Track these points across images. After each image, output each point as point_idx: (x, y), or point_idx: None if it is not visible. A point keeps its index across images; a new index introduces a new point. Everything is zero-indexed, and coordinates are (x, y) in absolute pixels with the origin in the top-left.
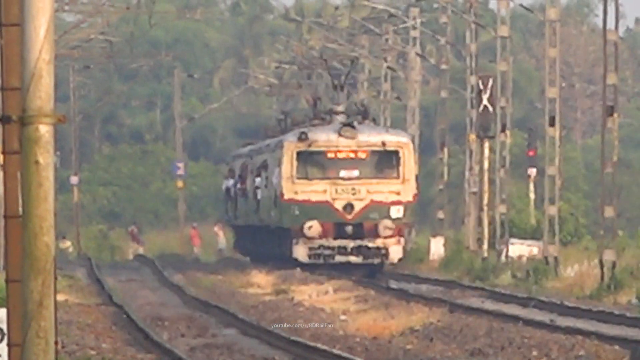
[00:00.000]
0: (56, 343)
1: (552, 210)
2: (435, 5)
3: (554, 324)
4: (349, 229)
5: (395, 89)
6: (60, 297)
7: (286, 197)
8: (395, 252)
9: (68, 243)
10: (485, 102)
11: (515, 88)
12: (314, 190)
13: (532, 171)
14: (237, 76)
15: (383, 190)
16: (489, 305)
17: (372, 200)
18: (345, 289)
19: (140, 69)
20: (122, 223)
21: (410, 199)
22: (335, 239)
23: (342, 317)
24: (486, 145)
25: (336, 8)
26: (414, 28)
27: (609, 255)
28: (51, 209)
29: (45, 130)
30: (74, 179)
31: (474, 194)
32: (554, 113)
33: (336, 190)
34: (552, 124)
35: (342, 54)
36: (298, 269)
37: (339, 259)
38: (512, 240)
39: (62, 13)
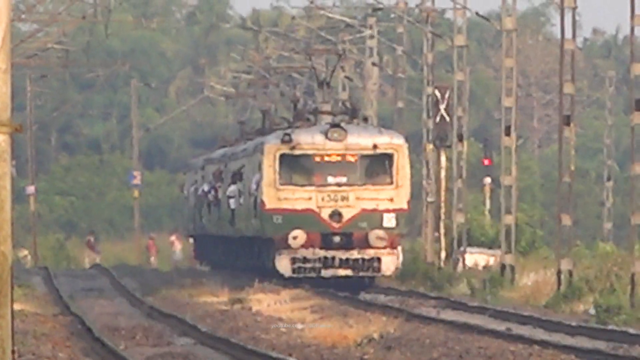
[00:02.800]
0: (13, 352)
1: (509, 219)
2: (391, 15)
3: (511, 333)
4: (337, 239)
5: (353, 99)
6: (17, 307)
7: (268, 205)
8: (389, 264)
9: (25, 252)
10: (442, 112)
11: (472, 98)
12: (299, 198)
13: (487, 180)
14: (193, 86)
15: (374, 197)
16: (446, 314)
17: (362, 208)
18: (301, 298)
19: (96, 79)
20: (79, 232)
21: (405, 206)
22: (322, 250)
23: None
24: (443, 155)
25: (293, 17)
26: (371, 38)
27: (565, 265)
28: (8, 219)
29: (2, 139)
30: (30, 189)
31: (431, 204)
32: (510, 122)
33: (323, 198)
34: (508, 134)
35: (328, 49)
36: (257, 280)
37: (326, 272)
38: (469, 249)
39: (19, 22)
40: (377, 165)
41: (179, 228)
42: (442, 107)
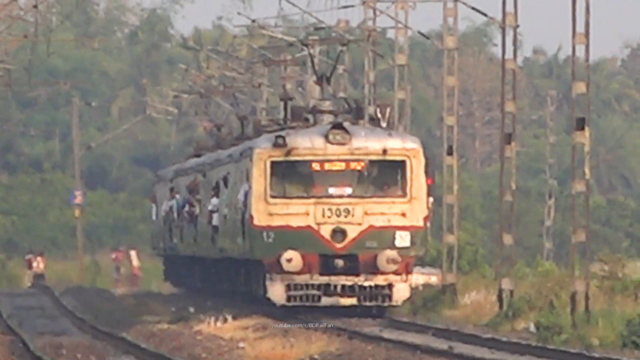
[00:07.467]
0: None
1: (450, 238)
2: (333, 34)
3: (453, 351)
4: (340, 262)
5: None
6: None
7: (257, 221)
8: (401, 292)
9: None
10: None
11: (414, 116)
12: (294, 213)
13: (430, 200)
14: (135, 104)
15: (384, 211)
16: (388, 333)
17: (370, 225)
18: (243, 317)
19: (38, 98)
20: (20, 252)
21: (420, 222)
22: (321, 275)
23: (241, 345)
24: None
25: (234, 37)
26: (312, 57)
27: (506, 284)
28: None
29: None
30: None
31: None
32: (452, 141)
33: (323, 212)
34: (450, 153)
35: (331, 39)
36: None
37: (326, 301)
38: None
39: None
40: (388, 174)
41: (122, 246)
42: (384, 125)
